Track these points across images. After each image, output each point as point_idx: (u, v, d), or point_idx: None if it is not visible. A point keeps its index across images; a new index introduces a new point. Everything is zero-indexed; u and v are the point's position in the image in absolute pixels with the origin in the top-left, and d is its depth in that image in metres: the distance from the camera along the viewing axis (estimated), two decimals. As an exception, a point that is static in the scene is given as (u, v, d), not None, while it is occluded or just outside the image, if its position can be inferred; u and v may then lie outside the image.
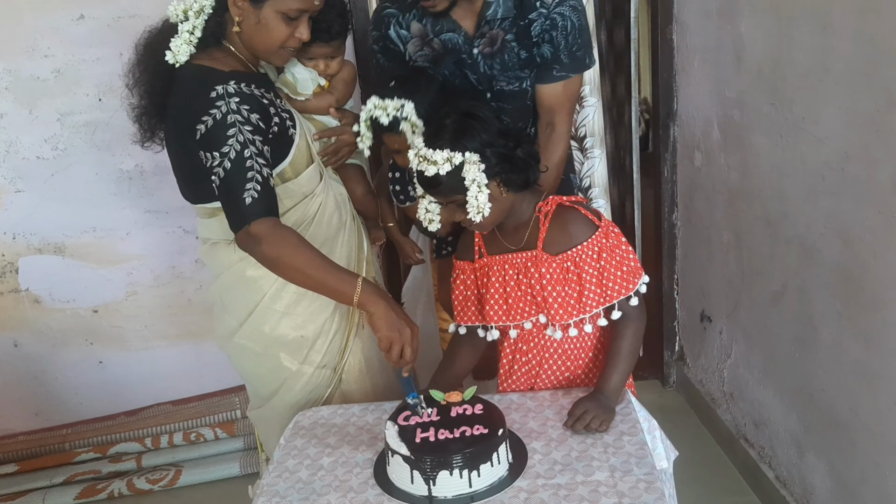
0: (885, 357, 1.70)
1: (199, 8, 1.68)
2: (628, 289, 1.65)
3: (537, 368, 1.78)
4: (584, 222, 1.66)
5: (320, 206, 1.83)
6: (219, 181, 1.59)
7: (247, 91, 1.62)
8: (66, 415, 2.99)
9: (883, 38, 1.58)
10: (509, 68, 1.91)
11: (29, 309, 2.88)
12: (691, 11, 2.58)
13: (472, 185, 1.55)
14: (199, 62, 1.67)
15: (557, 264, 1.65)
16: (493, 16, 1.86)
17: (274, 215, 1.61)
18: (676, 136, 2.84)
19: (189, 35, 1.67)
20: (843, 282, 1.83)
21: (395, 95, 1.75)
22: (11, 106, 2.66)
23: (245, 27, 1.67)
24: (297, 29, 1.67)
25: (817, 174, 1.88)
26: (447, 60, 1.92)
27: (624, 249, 1.67)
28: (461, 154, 1.54)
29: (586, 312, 1.66)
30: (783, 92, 2.01)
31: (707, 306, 2.74)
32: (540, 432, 1.58)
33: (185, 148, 1.66)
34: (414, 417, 1.51)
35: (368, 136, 1.82)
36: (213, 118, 1.58)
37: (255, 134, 1.60)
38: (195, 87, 1.63)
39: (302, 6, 1.65)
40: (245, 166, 1.57)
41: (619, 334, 1.68)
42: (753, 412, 2.43)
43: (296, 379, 1.86)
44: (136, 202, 2.79)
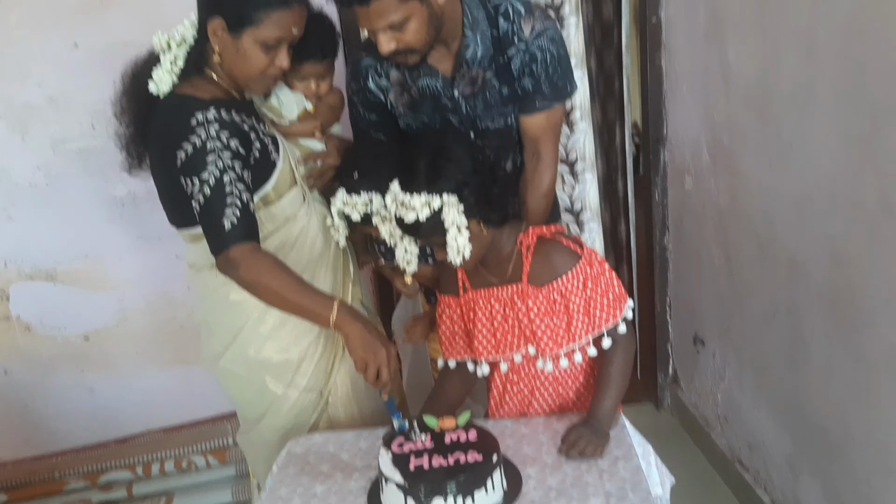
0: (876, 376, 1.71)
1: (180, 39, 1.71)
2: (616, 315, 1.65)
3: (529, 398, 1.78)
4: (566, 252, 1.67)
5: (302, 229, 1.83)
6: (199, 207, 1.61)
7: (226, 118, 1.64)
8: (55, 443, 2.95)
9: (868, 60, 1.60)
10: (492, 106, 1.92)
11: (19, 336, 2.85)
12: (679, 36, 2.62)
13: (452, 227, 1.56)
14: (181, 91, 1.69)
15: (544, 296, 1.65)
16: (472, 57, 1.85)
17: (253, 240, 1.63)
18: (666, 159, 2.86)
19: (171, 65, 1.70)
20: (833, 302, 1.84)
21: (362, 189, 1.75)
22: (4, 133, 2.65)
23: (225, 56, 1.69)
24: (277, 57, 1.69)
25: (806, 196, 1.90)
26: (427, 106, 1.93)
27: (608, 277, 1.67)
28: (439, 197, 1.55)
29: (575, 342, 1.66)
30: (771, 114, 2.03)
31: (700, 328, 2.74)
32: (534, 458, 1.57)
33: (168, 174, 1.68)
34: (408, 444, 1.51)
35: (343, 226, 1.83)
36: (193, 145, 1.60)
37: (235, 159, 1.62)
38: (176, 114, 1.65)
39: (280, 35, 1.66)
40: (224, 192, 1.59)
41: (608, 359, 1.68)
42: (748, 434, 2.42)
43: (281, 403, 1.86)
44: (128, 228, 2.79)
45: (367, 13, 1.65)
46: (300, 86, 1.87)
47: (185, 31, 1.72)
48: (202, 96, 1.67)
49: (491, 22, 1.84)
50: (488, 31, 1.84)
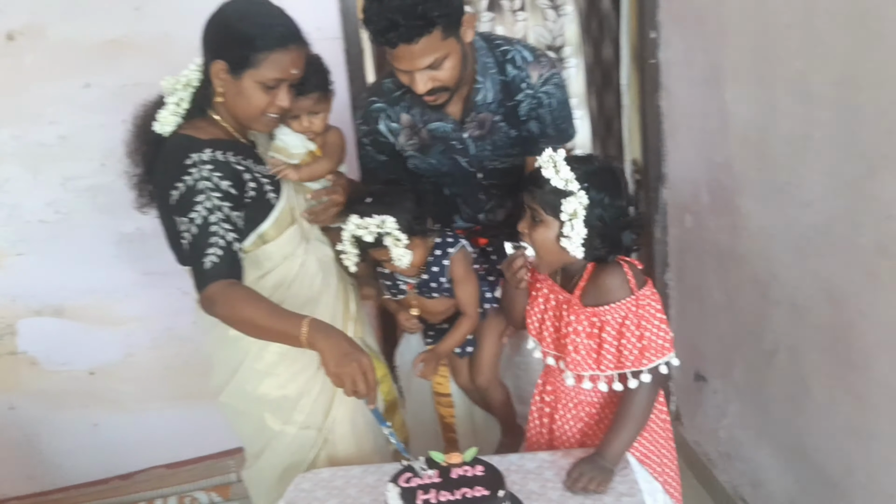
0: (875, 415, 1.74)
1: (185, 82, 1.77)
2: (642, 362, 1.64)
3: (553, 413, 1.82)
4: (620, 284, 1.65)
5: (301, 266, 1.87)
6: (186, 245, 1.65)
7: (221, 159, 1.68)
8: (59, 479, 2.97)
9: (861, 107, 1.66)
10: (500, 147, 1.98)
11: (26, 371, 2.88)
12: (678, 79, 2.68)
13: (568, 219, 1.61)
14: (183, 131, 1.74)
15: (586, 316, 1.67)
16: (482, 101, 1.91)
17: (233, 278, 1.63)
18: (667, 198, 2.91)
19: (175, 107, 1.76)
20: (832, 341, 1.87)
21: (374, 212, 1.82)
22: (16, 171, 2.71)
23: (227, 97, 1.74)
24: (277, 97, 1.74)
25: (804, 237, 1.94)
26: (436, 148, 1.99)
27: (655, 325, 1.65)
28: (577, 184, 1.60)
29: (601, 371, 1.67)
30: (768, 157, 2.08)
31: (701, 366, 2.77)
32: (540, 494, 1.59)
33: (166, 213, 1.73)
34: (415, 479, 1.53)
35: (354, 253, 1.87)
36: (185, 184, 1.64)
37: (225, 200, 1.65)
38: (174, 154, 1.70)
39: (279, 76, 1.71)
40: (210, 231, 1.62)
41: (627, 399, 1.68)
42: (750, 472, 2.44)
43: (280, 439, 1.88)
44: (135, 264, 2.83)
45: (410, 52, 1.70)
46: (294, 123, 1.91)
47: (190, 75, 1.78)
48: (201, 137, 1.72)
49: (499, 68, 1.90)
50: (497, 76, 1.91)
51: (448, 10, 1.70)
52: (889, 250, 1.62)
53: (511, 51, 1.91)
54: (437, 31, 1.69)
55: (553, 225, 1.63)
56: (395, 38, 1.67)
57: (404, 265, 1.86)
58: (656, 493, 1.77)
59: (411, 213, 1.86)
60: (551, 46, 2.88)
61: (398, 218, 1.82)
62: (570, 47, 2.88)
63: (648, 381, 1.66)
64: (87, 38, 2.62)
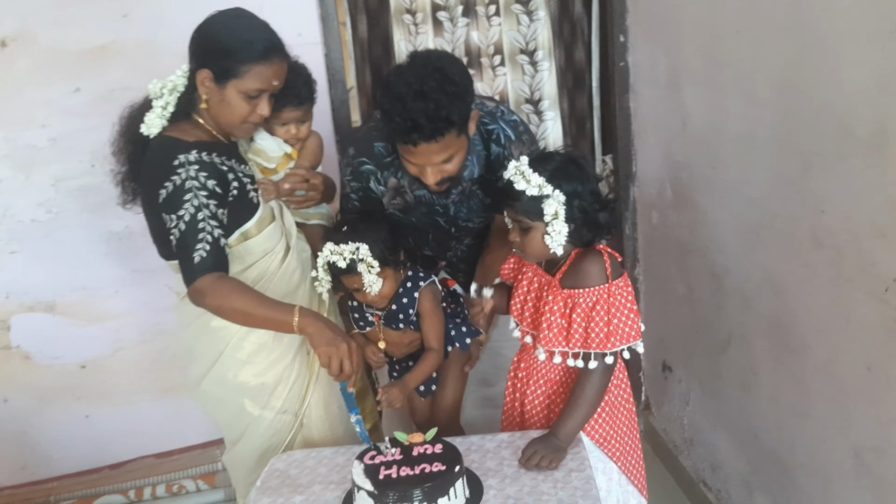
0: (812, 396, 1.86)
1: (172, 87, 1.88)
2: (606, 346, 1.73)
3: (525, 388, 1.94)
4: (598, 271, 1.75)
5: (282, 261, 1.97)
6: (175, 241, 1.77)
7: (206, 159, 1.79)
8: (51, 468, 3.06)
9: (797, 109, 1.78)
10: (474, 210, 2.12)
11: (19, 365, 2.98)
12: (644, 82, 2.80)
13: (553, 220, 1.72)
14: (169, 133, 1.85)
15: (562, 297, 1.78)
16: (469, 175, 2.03)
17: (221, 271, 1.77)
18: (636, 195, 3.02)
19: (162, 110, 1.87)
20: (776, 329, 1.99)
21: (349, 240, 1.92)
22: (9, 172, 2.81)
23: (211, 104, 1.85)
24: (258, 106, 1.85)
25: (752, 231, 2.06)
26: (418, 210, 2.11)
27: (623, 313, 1.74)
28: (550, 186, 1.70)
29: (568, 347, 1.77)
30: (721, 156, 2.20)
31: (667, 356, 2.88)
32: (496, 471, 1.71)
33: (153, 210, 1.84)
34: (379, 457, 1.64)
35: (327, 280, 1.98)
36: (173, 184, 1.76)
37: (211, 199, 1.77)
38: (161, 155, 1.82)
39: (261, 87, 1.82)
40: (198, 228, 1.75)
41: (581, 382, 1.79)
42: (710, 456, 2.56)
43: (258, 424, 1.99)
44: (124, 262, 2.93)
45: (428, 150, 1.81)
46: (281, 130, 2.04)
47: (176, 80, 1.89)
48: (186, 139, 1.82)
49: (484, 145, 2.03)
50: (482, 152, 2.03)
51: (465, 112, 1.84)
52: (823, 242, 1.74)
53: (496, 129, 2.03)
54: (454, 130, 1.81)
55: (540, 227, 1.74)
56: (417, 138, 1.78)
57: (375, 292, 1.95)
58: (611, 472, 1.89)
59: (385, 244, 1.96)
60: (524, 50, 3.00)
61: (371, 246, 1.92)
62: (543, 51, 3.00)
63: (610, 362, 1.77)
64: (77, 44, 2.73)
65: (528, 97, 3.04)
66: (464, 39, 2.98)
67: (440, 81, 1.76)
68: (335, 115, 2.89)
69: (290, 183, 2.02)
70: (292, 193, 2.04)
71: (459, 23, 2.97)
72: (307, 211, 2.14)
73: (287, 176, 2.03)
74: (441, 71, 1.78)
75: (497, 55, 3.00)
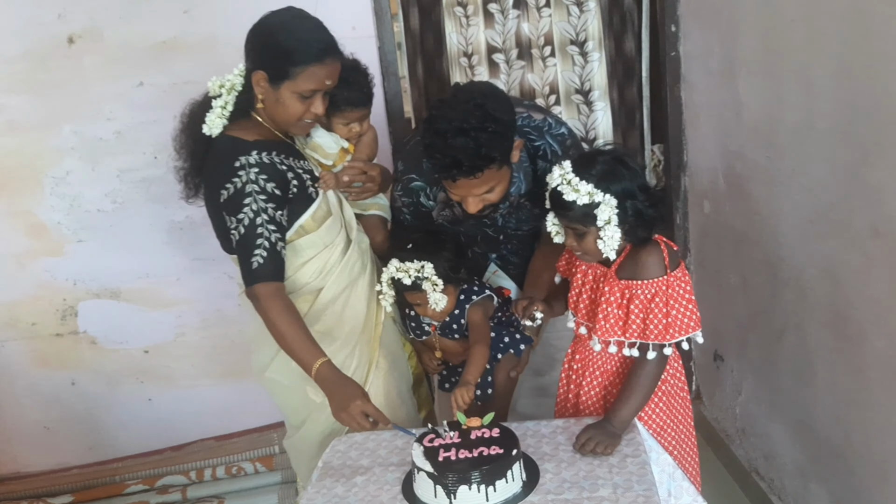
0: (870, 386, 1.85)
1: (230, 86, 1.93)
2: (664, 337, 1.73)
3: (580, 380, 1.96)
4: (656, 262, 1.75)
5: (343, 254, 2.03)
6: (234, 242, 1.85)
7: (267, 161, 1.85)
8: (117, 449, 3.21)
9: (856, 98, 1.77)
10: (523, 221, 2.15)
11: (86, 350, 3.11)
12: (697, 72, 2.79)
13: (605, 225, 1.72)
14: (230, 132, 1.91)
15: (619, 288, 1.78)
16: (516, 191, 2.05)
17: (277, 279, 1.86)
18: (687, 185, 3.02)
19: (221, 110, 1.92)
20: (833, 319, 1.99)
21: (415, 258, 1.97)
22: (77, 164, 2.94)
23: (267, 104, 1.90)
24: (313, 105, 1.89)
25: (808, 220, 2.05)
26: (468, 222, 2.13)
27: (681, 304, 1.74)
28: (600, 193, 1.71)
29: (626, 338, 1.78)
30: (776, 146, 2.19)
31: (720, 346, 2.88)
32: (552, 455, 1.74)
33: (215, 209, 1.91)
34: (438, 440, 1.69)
35: (391, 294, 2.04)
36: (234, 186, 1.83)
37: (269, 202, 1.84)
38: (223, 155, 1.88)
39: (314, 87, 1.86)
40: (256, 233, 1.82)
41: (636, 370, 1.81)
42: (763, 446, 2.55)
43: (321, 411, 2.03)
44: (185, 250, 3.04)
45: (469, 184, 1.84)
46: (343, 129, 2.09)
47: (234, 79, 1.94)
48: (247, 138, 1.88)
49: (531, 161, 2.05)
50: (529, 168, 2.05)
51: (507, 148, 1.85)
52: (881, 231, 1.73)
53: (542, 145, 2.04)
54: (495, 165, 1.84)
55: (592, 230, 1.74)
56: (457, 174, 1.81)
57: (439, 309, 2.00)
58: (665, 464, 1.90)
59: (449, 263, 2.00)
60: (574, 41, 3.01)
61: (436, 265, 1.97)
62: (593, 42, 3.01)
63: (669, 353, 1.78)
64: (141, 40, 2.83)
65: (577, 88, 3.05)
66: (514, 31, 3.00)
67: (481, 119, 1.77)
68: (388, 107, 2.95)
69: (348, 175, 2.07)
70: (351, 185, 2.09)
71: (510, 14, 3.00)
72: (364, 202, 2.19)
73: (345, 168, 2.08)
74: (483, 108, 1.79)
75: (547, 46, 3.02)
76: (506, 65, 3.04)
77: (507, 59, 3.03)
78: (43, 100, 2.86)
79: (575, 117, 3.07)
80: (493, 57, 3.02)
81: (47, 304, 3.06)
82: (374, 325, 2.11)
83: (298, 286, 1.99)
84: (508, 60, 3.03)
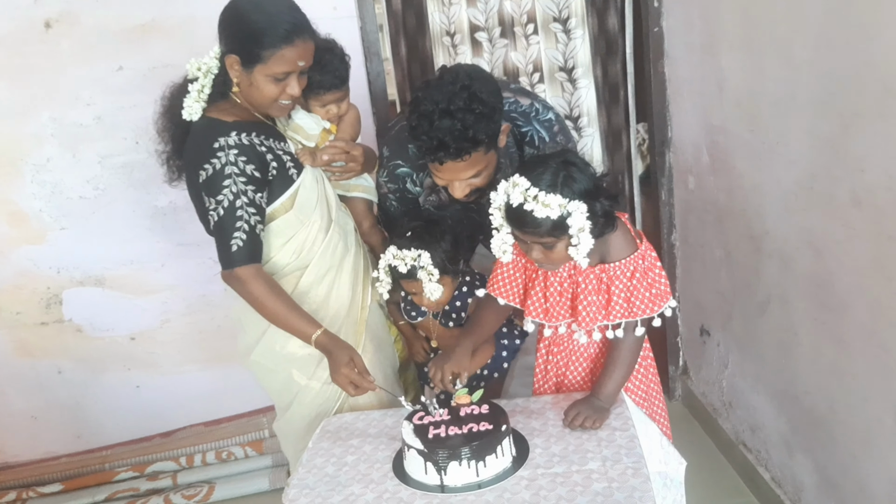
0: (853, 355, 1.87)
1: (206, 69, 1.91)
2: (653, 310, 1.75)
3: (564, 369, 1.95)
4: (625, 240, 1.75)
5: (325, 234, 2.01)
6: (213, 223, 1.84)
7: (246, 142, 1.84)
8: (105, 437, 3.20)
9: (837, 69, 1.77)
10: None
11: (71, 338, 3.09)
12: (679, 47, 2.79)
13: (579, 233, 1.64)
14: (210, 114, 1.90)
15: (594, 275, 1.77)
16: (502, 178, 2.01)
17: (256, 261, 1.87)
18: (671, 161, 3.02)
19: (198, 94, 1.90)
20: (816, 290, 2.00)
21: (412, 246, 1.96)
22: (56, 150, 2.90)
23: (242, 87, 1.89)
24: (288, 86, 1.87)
25: (790, 192, 2.06)
26: (453, 207, 2.12)
27: (657, 273, 1.76)
28: (570, 202, 1.62)
29: (610, 321, 1.77)
30: (759, 119, 2.20)
31: (705, 320, 2.90)
32: (541, 430, 1.75)
33: (195, 190, 1.90)
34: (427, 417, 1.70)
35: (388, 282, 2.03)
36: (213, 167, 1.82)
37: (249, 184, 1.83)
38: (202, 136, 1.87)
39: (287, 69, 1.84)
40: (236, 215, 1.82)
41: (617, 345, 1.82)
42: (749, 418, 2.58)
43: (305, 393, 2.05)
44: (169, 236, 3.02)
45: (455, 167, 1.83)
46: (321, 111, 2.08)
47: (209, 62, 1.92)
48: (226, 119, 1.87)
49: (518, 147, 2.04)
50: (516, 154, 2.05)
51: (493, 131, 1.84)
52: (862, 201, 1.74)
53: (529, 131, 2.03)
54: (482, 148, 1.83)
55: (564, 239, 1.66)
56: (443, 156, 1.80)
57: (434, 299, 2.00)
58: (652, 433, 1.92)
59: (446, 253, 2.00)
60: (557, 18, 2.99)
61: (433, 255, 1.97)
62: (576, 19, 2.99)
63: (659, 324, 1.77)
64: (118, 23, 2.79)
65: (561, 65, 3.04)
66: (497, 9, 2.98)
67: (468, 101, 1.77)
68: (371, 87, 2.93)
69: (328, 154, 2.04)
70: (330, 164, 2.07)
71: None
72: (348, 182, 2.18)
73: (326, 147, 2.06)
74: (469, 90, 1.78)
75: (530, 24, 3.00)
76: (489, 43, 3.02)
77: (490, 37, 3.01)
78: (20, 86, 2.82)
79: (559, 95, 3.06)
80: (476, 35, 3.00)
81: (31, 292, 3.03)
82: (360, 309, 2.11)
83: (279, 268, 1.98)
84: (491, 39, 3.02)
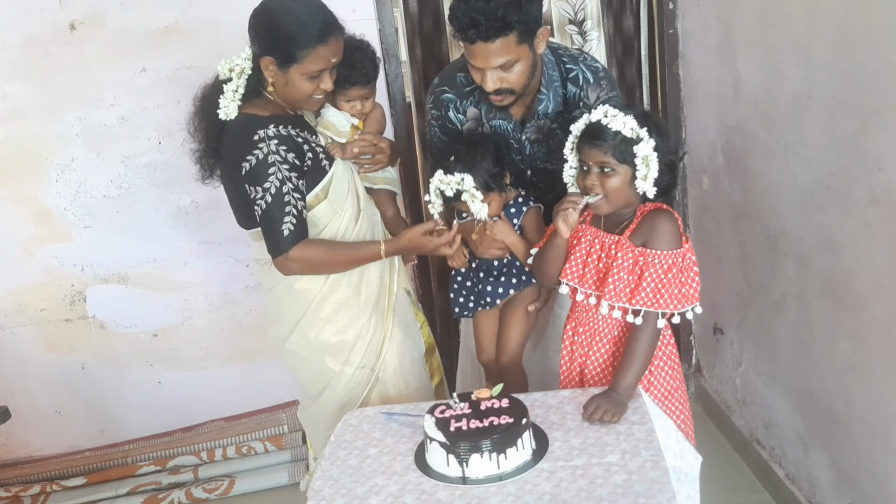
0: (870, 353, 1.89)
1: (240, 70, 1.98)
2: (676, 307, 1.77)
3: (587, 349, 1.97)
4: (673, 233, 1.78)
5: (355, 224, 2.09)
6: (260, 212, 1.91)
7: (284, 133, 1.92)
8: (128, 431, 3.25)
9: (855, 69, 1.80)
10: (553, 152, 2.13)
11: (95, 334, 3.15)
12: (694, 48, 2.81)
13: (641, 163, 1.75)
14: (245, 111, 1.96)
15: (633, 255, 1.79)
16: (543, 110, 2.08)
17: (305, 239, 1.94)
18: (686, 162, 3.05)
19: (234, 94, 1.97)
20: (833, 287, 2.03)
21: (455, 170, 2.00)
22: (81, 150, 2.95)
23: (277, 86, 1.96)
24: (322, 82, 1.95)
25: (807, 192, 2.09)
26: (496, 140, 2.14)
27: (692, 276, 1.79)
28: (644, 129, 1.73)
29: (632, 305, 1.80)
30: (775, 119, 2.22)
31: (719, 319, 2.92)
32: (560, 424, 1.78)
33: (235, 183, 1.97)
34: (449, 410, 1.73)
35: (439, 203, 2.07)
36: (256, 157, 1.88)
37: (292, 171, 1.91)
38: (241, 131, 1.93)
39: (322, 67, 1.92)
40: (283, 201, 1.89)
41: (635, 338, 1.84)
42: (764, 415, 2.60)
43: (339, 379, 2.12)
44: (191, 234, 3.07)
45: (486, 50, 1.87)
46: (347, 106, 2.14)
47: (243, 64, 1.98)
48: (262, 114, 1.94)
49: (563, 83, 2.09)
50: (560, 89, 2.09)
51: (526, 19, 1.88)
52: (880, 199, 1.76)
53: (575, 70, 2.08)
54: (514, 35, 1.87)
55: (622, 170, 1.77)
56: (474, 35, 1.85)
57: (482, 217, 2.01)
58: (669, 429, 1.94)
59: (488, 172, 2.03)
60: (573, 20, 3.02)
61: (475, 176, 1.99)
62: (591, 21, 3.02)
63: (678, 322, 1.80)
64: (142, 25, 2.84)
65: (577, 66, 3.07)
66: (514, 10, 3.01)
67: None
68: (390, 89, 2.97)
69: (358, 147, 2.12)
70: (360, 157, 2.14)
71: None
72: (374, 175, 2.24)
73: (355, 140, 2.13)
74: None
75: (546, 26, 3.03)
76: (505, 44, 3.05)
77: (507, 38, 3.04)
78: (46, 87, 2.88)
79: (574, 96, 3.09)
80: (493, 37, 3.03)
81: (55, 289, 3.09)
82: (388, 296, 2.17)
83: None
84: (508, 40, 3.05)
